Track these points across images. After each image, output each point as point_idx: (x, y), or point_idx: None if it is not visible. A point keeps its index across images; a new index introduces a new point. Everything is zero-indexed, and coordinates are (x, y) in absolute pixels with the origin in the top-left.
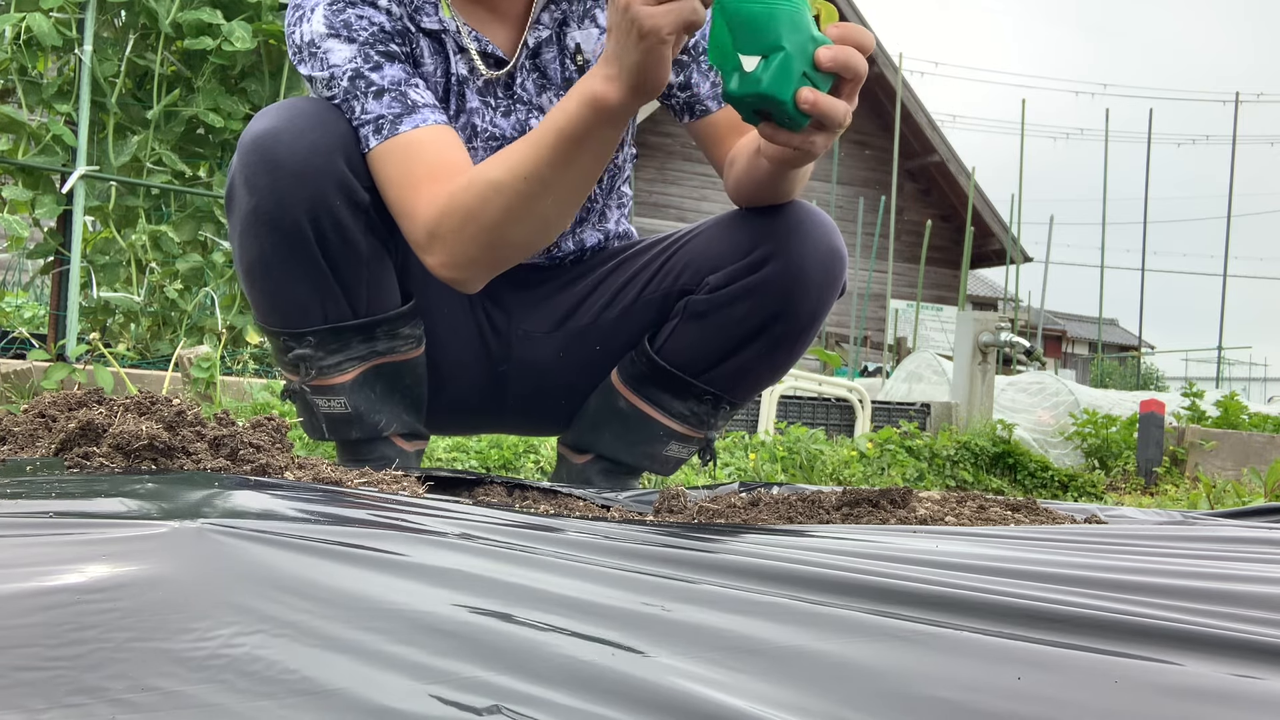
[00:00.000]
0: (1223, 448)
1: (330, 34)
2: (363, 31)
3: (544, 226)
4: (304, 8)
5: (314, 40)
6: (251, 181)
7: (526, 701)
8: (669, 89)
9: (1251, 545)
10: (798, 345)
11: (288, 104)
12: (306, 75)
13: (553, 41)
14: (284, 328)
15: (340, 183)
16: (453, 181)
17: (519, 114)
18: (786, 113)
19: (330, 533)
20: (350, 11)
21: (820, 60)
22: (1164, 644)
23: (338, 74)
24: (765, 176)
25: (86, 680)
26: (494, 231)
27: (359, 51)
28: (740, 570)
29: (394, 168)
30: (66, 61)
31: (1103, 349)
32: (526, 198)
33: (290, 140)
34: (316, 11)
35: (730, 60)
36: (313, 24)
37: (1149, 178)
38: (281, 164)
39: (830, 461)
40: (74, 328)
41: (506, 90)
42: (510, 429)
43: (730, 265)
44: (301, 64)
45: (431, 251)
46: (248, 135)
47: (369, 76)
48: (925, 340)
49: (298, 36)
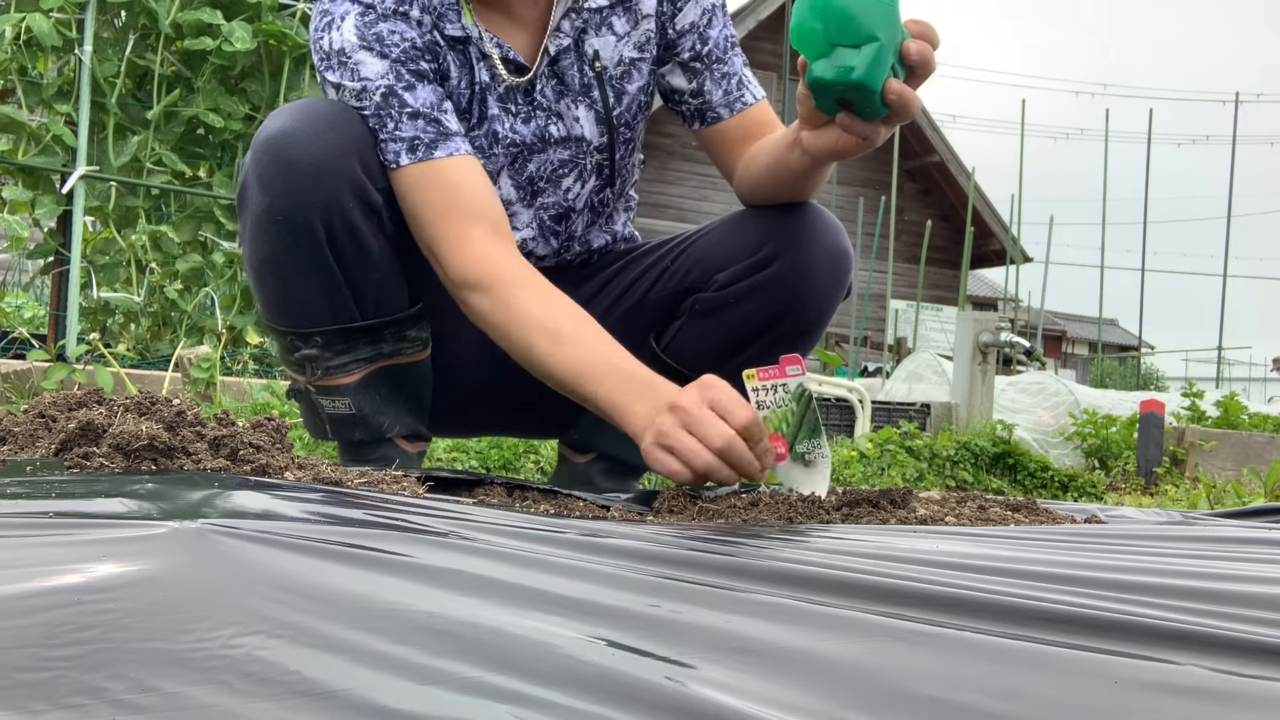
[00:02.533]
0: (1223, 448)
1: (362, 46)
2: (395, 47)
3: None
4: (333, 14)
5: (345, 49)
6: (265, 181)
7: (526, 701)
8: (679, 96)
9: (1251, 545)
10: (804, 343)
11: (303, 104)
12: (334, 82)
13: (572, 49)
14: (291, 327)
15: (354, 185)
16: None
17: (539, 120)
18: (874, 102)
19: (330, 533)
20: (382, 25)
21: (908, 53)
22: (1164, 644)
23: (370, 88)
24: (799, 172)
25: (87, 681)
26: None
27: (391, 68)
28: (740, 570)
29: (429, 196)
30: (66, 62)
31: (1103, 349)
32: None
33: (306, 141)
34: (347, 20)
35: (818, 49)
36: (344, 33)
37: (1149, 178)
38: (296, 164)
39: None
40: (74, 328)
41: (526, 97)
42: (514, 431)
43: (738, 264)
44: (329, 70)
45: (463, 305)
46: (262, 135)
47: (402, 96)
48: (925, 340)
49: (326, 43)
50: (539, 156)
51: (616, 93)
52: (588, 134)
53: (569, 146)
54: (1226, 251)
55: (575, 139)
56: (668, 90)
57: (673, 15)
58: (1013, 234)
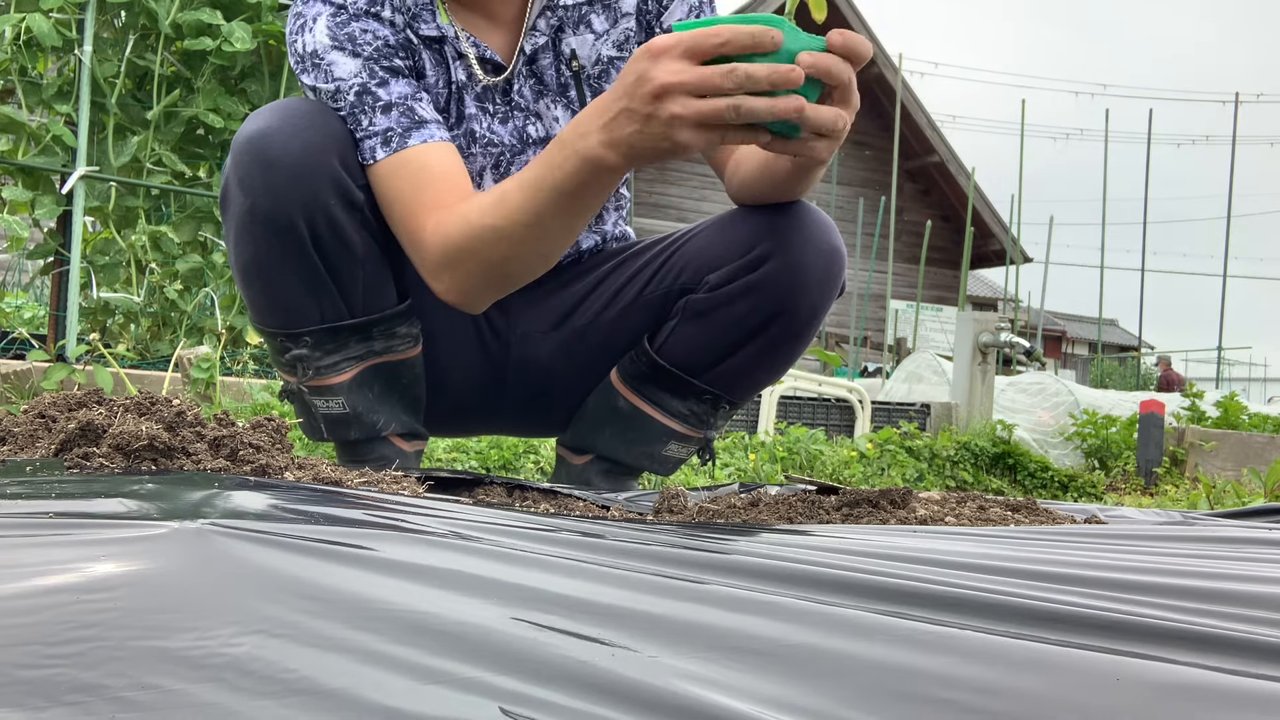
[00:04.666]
0: (1223, 448)
1: (334, 46)
2: (367, 46)
3: (544, 260)
4: (305, 16)
5: (317, 51)
6: (246, 182)
7: (526, 702)
8: None
9: (1251, 545)
10: (798, 343)
11: (280, 104)
12: (310, 85)
13: (549, 48)
14: (280, 328)
15: (335, 182)
16: (455, 214)
17: (516, 121)
18: (782, 126)
19: (330, 533)
20: (354, 25)
21: (800, 65)
22: (1164, 644)
23: (344, 88)
24: (786, 174)
25: (86, 678)
26: (496, 268)
27: (364, 66)
28: (740, 570)
29: (400, 185)
30: (66, 62)
31: (1102, 349)
32: (526, 241)
33: (284, 140)
34: (319, 22)
35: None
36: (316, 35)
37: (1149, 178)
38: (276, 164)
39: (830, 462)
40: (74, 328)
41: (504, 96)
42: (509, 429)
43: (730, 264)
44: (304, 74)
45: (438, 281)
46: (241, 136)
47: (375, 92)
48: (925, 341)
49: (300, 46)
50: (520, 158)
51: (594, 92)
52: None
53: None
54: (1226, 251)
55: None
56: None
57: (658, 14)
58: (1012, 234)
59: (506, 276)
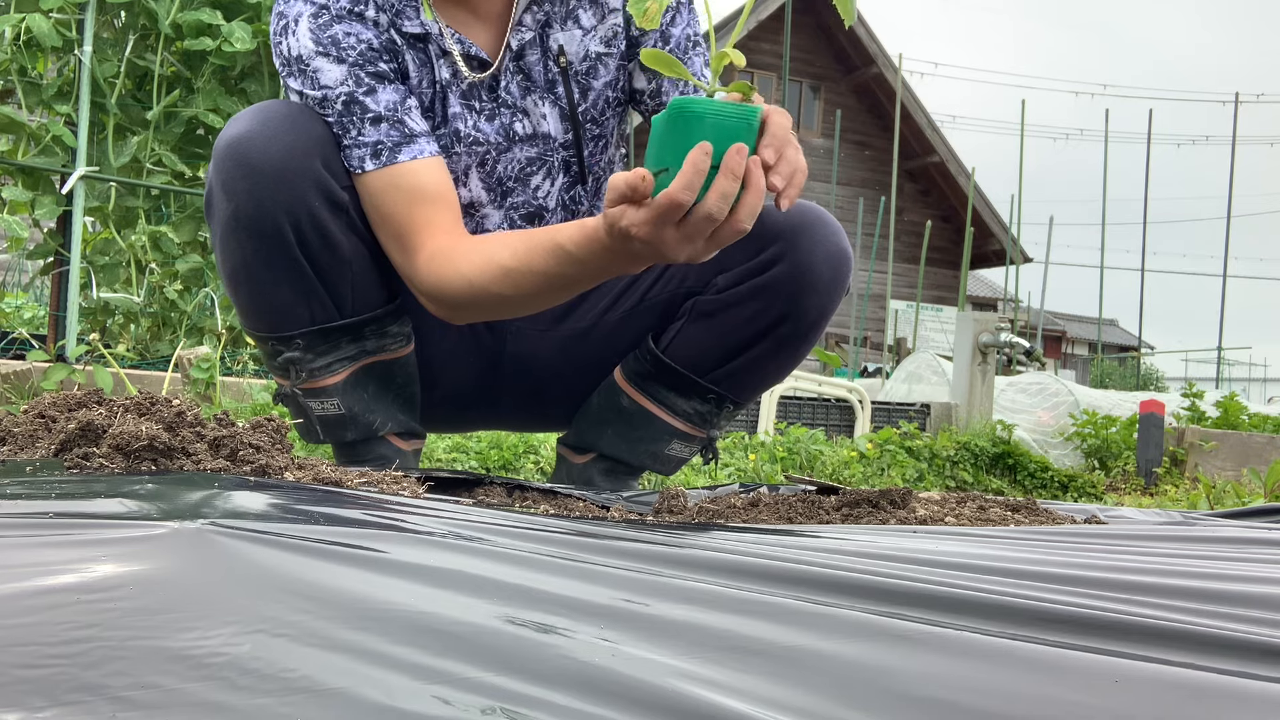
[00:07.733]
0: (1222, 448)
1: (319, 52)
2: (351, 50)
3: (545, 303)
4: (288, 17)
5: (302, 56)
6: (229, 187)
7: (526, 701)
8: (641, 95)
9: (1251, 545)
10: (805, 344)
11: (261, 107)
12: (297, 89)
13: (536, 43)
14: (271, 332)
15: (318, 184)
16: (455, 243)
17: (503, 118)
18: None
19: (330, 533)
20: (337, 28)
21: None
22: (1164, 644)
23: (330, 95)
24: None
25: (87, 678)
26: (497, 303)
27: (350, 74)
28: (740, 570)
29: (390, 203)
30: (66, 62)
31: (1102, 349)
32: (534, 292)
33: (264, 144)
34: (301, 24)
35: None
36: (299, 38)
37: (1149, 178)
38: (257, 168)
39: (830, 462)
40: (74, 328)
41: (490, 93)
42: (507, 425)
43: (739, 266)
44: (290, 78)
45: (428, 303)
46: (222, 141)
47: (364, 102)
48: (925, 341)
49: (284, 49)
50: (506, 156)
51: (582, 88)
52: (553, 131)
53: (535, 144)
54: (1226, 251)
55: (542, 136)
56: (631, 92)
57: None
58: (1012, 234)
59: (503, 310)
